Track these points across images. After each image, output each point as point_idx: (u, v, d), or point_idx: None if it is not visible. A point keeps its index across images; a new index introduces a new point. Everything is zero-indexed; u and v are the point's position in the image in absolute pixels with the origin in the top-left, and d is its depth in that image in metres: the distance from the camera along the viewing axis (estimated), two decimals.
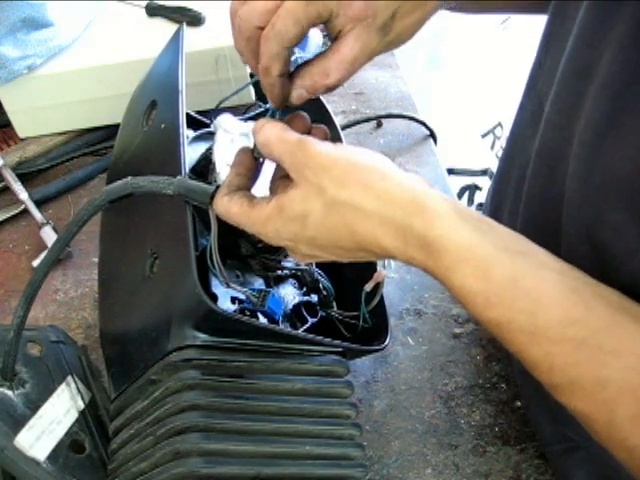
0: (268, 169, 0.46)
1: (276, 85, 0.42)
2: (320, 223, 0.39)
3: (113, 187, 0.45)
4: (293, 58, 0.45)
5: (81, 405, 0.54)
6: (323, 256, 0.42)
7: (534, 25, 0.55)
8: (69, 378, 0.55)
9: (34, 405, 0.51)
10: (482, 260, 0.36)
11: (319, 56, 0.43)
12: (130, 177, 0.45)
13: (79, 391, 0.54)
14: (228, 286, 0.46)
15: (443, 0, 0.45)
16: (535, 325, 0.35)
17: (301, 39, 0.41)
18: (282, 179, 0.44)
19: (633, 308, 0.35)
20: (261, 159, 0.45)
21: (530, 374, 0.52)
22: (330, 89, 0.43)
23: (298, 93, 0.43)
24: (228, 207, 0.43)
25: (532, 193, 0.51)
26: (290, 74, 0.43)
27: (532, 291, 0.35)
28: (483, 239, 0.36)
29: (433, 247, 0.37)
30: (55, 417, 0.51)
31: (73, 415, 0.52)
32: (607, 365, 0.33)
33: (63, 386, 0.54)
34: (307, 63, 0.43)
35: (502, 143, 1.67)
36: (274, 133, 0.41)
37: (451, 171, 1.13)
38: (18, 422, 0.48)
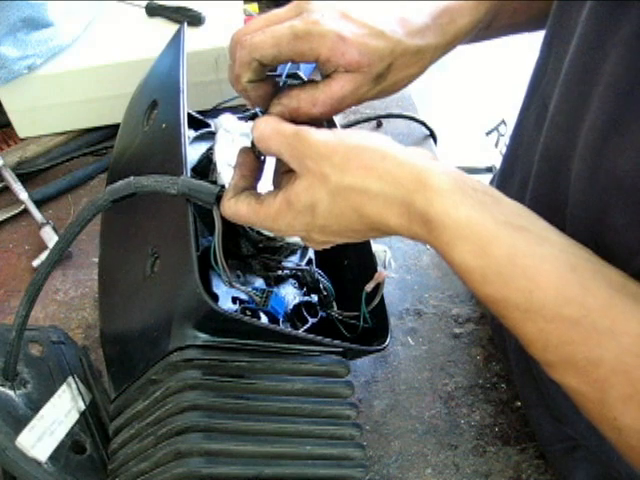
0: (270, 164, 0.46)
1: (248, 91, 0.44)
2: (328, 211, 0.40)
3: (115, 187, 0.45)
4: (287, 67, 0.46)
5: (82, 406, 0.54)
6: (338, 240, 0.43)
7: None
8: (70, 379, 0.55)
9: (35, 405, 0.51)
10: (481, 237, 0.36)
11: (311, 83, 0.43)
12: (133, 177, 0.45)
13: (80, 392, 0.54)
14: (231, 286, 0.46)
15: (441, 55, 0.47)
16: (530, 302, 0.35)
17: (275, 63, 0.42)
18: (286, 173, 0.44)
19: (633, 287, 0.35)
20: (263, 157, 0.45)
21: (529, 373, 0.52)
22: (311, 119, 0.44)
23: (279, 110, 0.43)
24: (236, 209, 0.43)
25: (536, 194, 0.51)
26: (277, 90, 0.44)
27: (529, 269, 0.35)
28: (484, 214, 0.37)
29: (433, 224, 0.37)
30: (56, 418, 0.51)
31: (74, 416, 0.52)
32: (601, 345, 0.33)
33: (64, 387, 0.54)
34: (298, 86, 0.43)
35: (506, 140, 1.66)
36: (268, 127, 0.41)
37: None
38: (19, 422, 0.49)
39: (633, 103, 0.37)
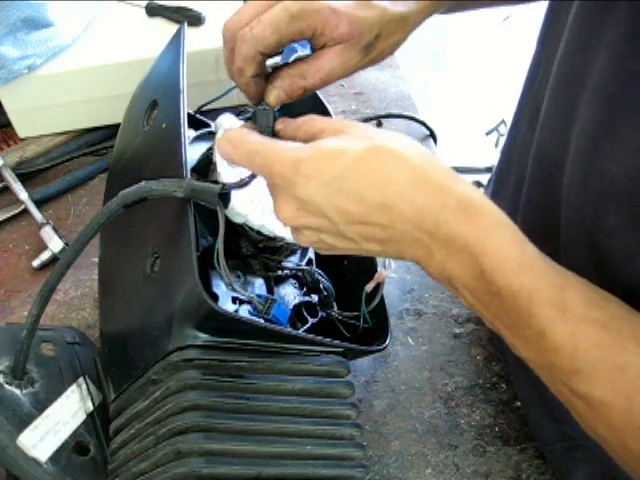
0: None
1: (251, 85, 0.44)
2: (354, 162, 0.37)
3: (127, 192, 0.46)
4: (295, 55, 0.46)
5: (90, 407, 0.53)
6: (326, 211, 0.38)
7: (536, 22, 0.55)
8: (80, 379, 0.54)
9: (42, 405, 0.50)
10: (518, 230, 0.37)
11: (299, 60, 0.44)
12: (144, 182, 0.45)
13: (90, 393, 0.54)
14: (234, 290, 0.46)
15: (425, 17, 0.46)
16: (564, 300, 0.35)
17: (278, 49, 0.42)
18: None
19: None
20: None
21: (528, 374, 0.51)
22: (306, 92, 0.44)
23: (276, 94, 0.43)
24: (247, 134, 0.41)
25: (530, 196, 0.51)
26: (269, 75, 0.44)
27: (559, 268, 0.36)
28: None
29: (474, 208, 0.37)
30: (62, 418, 0.50)
31: (81, 417, 0.52)
32: (627, 349, 0.34)
33: (74, 387, 0.53)
34: (286, 65, 0.44)
35: None
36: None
37: (455, 169, 1.13)
38: (23, 421, 0.48)
39: (623, 107, 0.37)
